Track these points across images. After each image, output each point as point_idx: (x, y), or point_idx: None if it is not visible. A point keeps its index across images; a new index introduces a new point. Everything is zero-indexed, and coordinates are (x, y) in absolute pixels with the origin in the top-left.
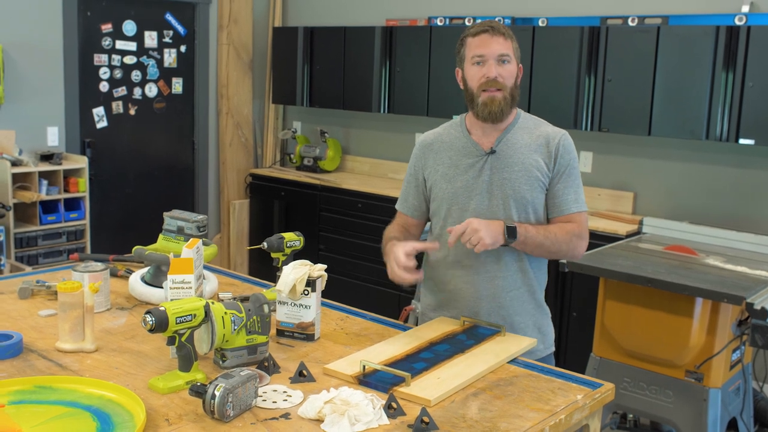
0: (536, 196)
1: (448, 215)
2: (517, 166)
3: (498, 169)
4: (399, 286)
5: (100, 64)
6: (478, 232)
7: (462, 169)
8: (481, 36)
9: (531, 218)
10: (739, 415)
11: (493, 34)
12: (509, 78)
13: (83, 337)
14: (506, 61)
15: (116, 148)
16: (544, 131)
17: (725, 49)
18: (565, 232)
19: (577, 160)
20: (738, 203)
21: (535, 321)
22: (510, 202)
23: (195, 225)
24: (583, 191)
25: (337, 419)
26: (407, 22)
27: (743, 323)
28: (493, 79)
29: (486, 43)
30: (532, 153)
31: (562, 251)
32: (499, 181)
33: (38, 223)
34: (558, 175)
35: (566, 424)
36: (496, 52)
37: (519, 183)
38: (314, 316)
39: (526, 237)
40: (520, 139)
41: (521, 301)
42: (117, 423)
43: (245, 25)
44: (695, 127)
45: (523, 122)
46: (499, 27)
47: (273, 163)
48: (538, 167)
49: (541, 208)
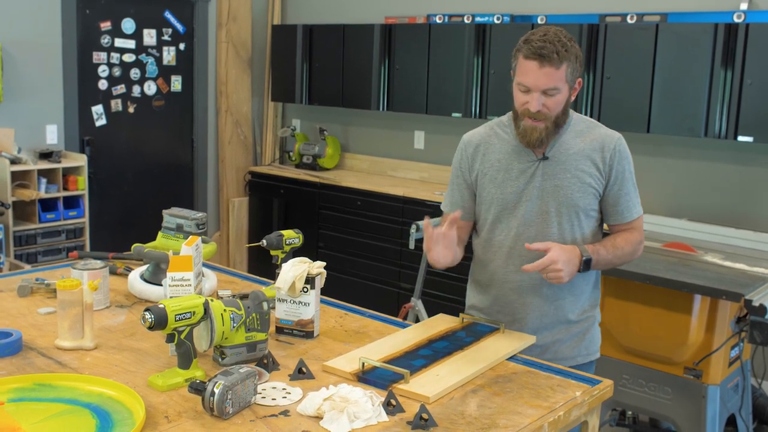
0: (589, 202)
1: (497, 220)
2: (569, 173)
3: (550, 175)
4: (398, 284)
5: (99, 62)
6: (559, 272)
7: (513, 174)
8: (530, 63)
9: (583, 224)
10: (737, 411)
11: (542, 65)
12: (555, 108)
13: (82, 334)
14: (553, 94)
15: (115, 146)
16: (598, 135)
17: (724, 47)
18: (630, 244)
19: (632, 163)
20: (737, 200)
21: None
22: (562, 209)
23: (194, 222)
24: (638, 194)
25: (336, 416)
26: (406, 20)
27: (742, 320)
28: (536, 112)
29: (533, 74)
30: (585, 159)
31: (625, 262)
32: (551, 188)
33: (37, 221)
34: (615, 181)
35: (565, 420)
36: (541, 86)
37: (571, 190)
38: (313, 313)
39: (597, 262)
40: (574, 144)
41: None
42: (116, 420)
43: (244, 23)
44: (694, 124)
45: (576, 125)
46: (552, 54)
47: (272, 161)
48: (591, 174)
49: (594, 212)
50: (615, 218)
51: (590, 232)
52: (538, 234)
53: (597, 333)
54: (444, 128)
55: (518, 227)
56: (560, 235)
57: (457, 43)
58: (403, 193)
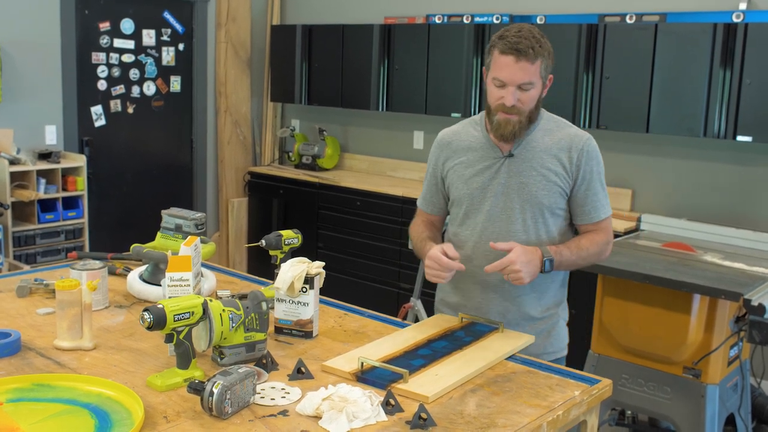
0: (554, 200)
1: (465, 216)
2: (535, 170)
3: (515, 172)
4: (397, 284)
5: (98, 62)
6: (517, 272)
7: (478, 170)
8: (506, 57)
9: (548, 222)
10: (736, 411)
11: (519, 59)
12: (529, 103)
13: (81, 335)
14: (528, 89)
15: (114, 147)
16: (567, 134)
17: (723, 47)
18: (595, 245)
19: (601, 164)
20: (736, 200)
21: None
22: (526, 206)
23: (193, 223)
24: (607, 194)
25: (335, 416)
26: (405, 20)
27: (741, 320)
28: (510, 106)
29: (509, 69)
30: (552, 157)
31: (591, 263)
32: (515, 185)
33: (36, 221)
34: (583, 181)
35: (564, 420)
36: (517, 80)
37: (536, 188)
38: (312, 313)
39: (560, 263)
40: (541, 142)
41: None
42: (115, 420)
43: (243, 23)
44: (693, 124)
45: (545, 124)
46: (527, 49)
47: (271, 161)
48: (557, 172)
49: (561, 211)
50: (582, 218)
51: (557, 230)
52: (502, 230)
53: (563, 331)
54: (443, 128)
55: (483, 223)
56: (525, 232)
57: (457, 43)
58: (403, 193)
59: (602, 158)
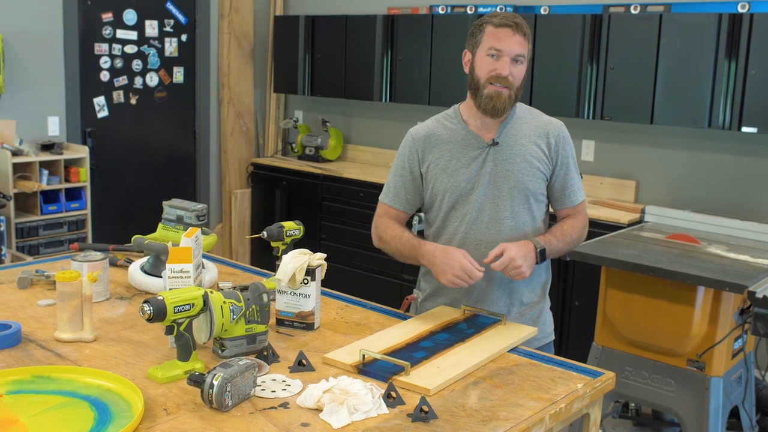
0: (538, 186)
1: (451, 208)
2: (519, 157)
3: (501, 160)
4: (400, 275)
5: (101, 53)
6: (519, 268)
7: (464, 161)
8: (504, 29)
9: (533, 208)
10: (740, 403)
11: (515, 32)
12: (518, 78)
13: (82, 326)
14: (520, 62)
15: (117, 138)
16: (542, 122)
17: (728, 37)
18: (576, 229)
19: (573, 149)
20: (740, 192)
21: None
22: (514, 192)
23: (194, 214)
24: (580, 179)
25: (336, 408)
26: (409, 11)
27: (745, 312)
28: (505, 77)
29: (506, 39)
30: (533, 144)
31: (574, 247)
32: (502, 173)
33: (39, 213)
34: (561, 166)
35: (566, 412)
36: (514, 51)
37: (521, 174)
38: (314, 305)
39: (550, 252)
40: (520, 130)
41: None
42: (115, 413)
43: (246, 14)
44: (698, 115)
45: (520, 113)
46: (523, 25)
47: (274, 153)
48: (539, 158)
49: (542, 197)
50: (562, 203)
51: (540, 216)
52: (491, 218)
53: (549, 315)
54: None
55: (472, 213)
56: (513, 218)
57: (460, 34)
58: None
59: (605, 149)
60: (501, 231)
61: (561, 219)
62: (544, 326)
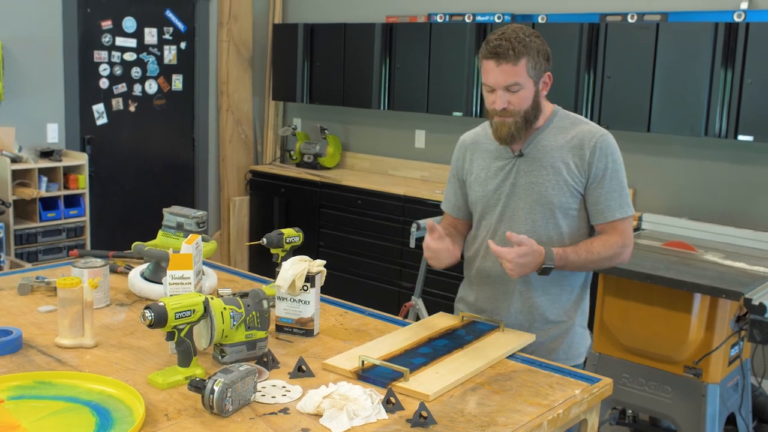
0: (566, 200)
1: (481, 218)
2: (545, 169)
3: (525, 172)
4: (399, 283)
5: (100, 60)
6: (508, 268)
7: (492, 172)
8: (488, 62)
9: (560, 222)
10: (737, 410)
11: (499, 62)
12: (520, 104)
13: (83, 332)
14: (516, 90)
15: (116, 145)
16: (580, 131)
17: (724, 46)
18: (608, 248)
19: (619, 161)
20: (737, 199)
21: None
22: (536, 206)
23: (194, 221)
24: (628, 193)
25: (335, 414)
26: (407, 19)
27: (742, 319)
28: (502, 110)
29: (491, 73)
30: (563, 156)
31: (605, 266)
32: (525, 185)
33: (38, 219)
34: (597, 179)
35: (564, 418)
36: (501, 83)
37: (546, 187)
38: (313, 311)
39: (564, 267)
40: (552, 140)
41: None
42: (116, 418)
43: (245, 22)
44: (694, 123)
45: (559, 122)
46: (507, 51)
47: (273, 160)
48: (569, 170)
49: (573, 211)
50: (595, 218)
51: (570, 231)
52: (512, 231)
53: (579, 337)
54: (445, 127)
55: (496, 224)
56: (534, 232)
57: (458, 42)
58: (404, 192)
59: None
60: None
61: (597, 234)
62: (570, 347)
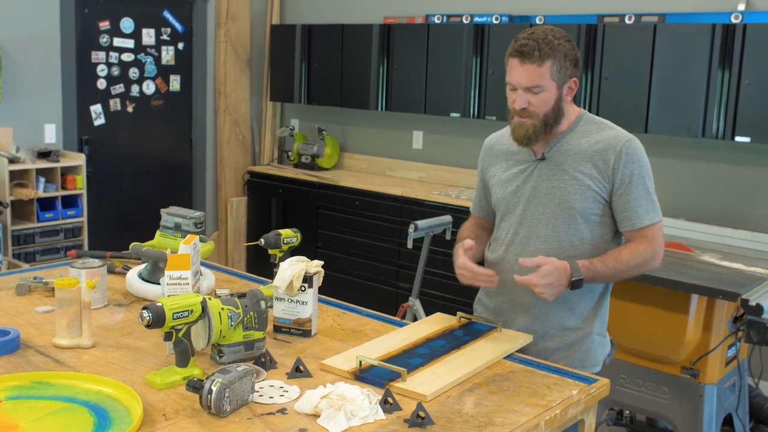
0: (588, 205)
1: (501, 220)
2: (567, 174)
3: (547, 176)
4: (396, 283)
5: (98, 61)
6: (542, 293)
7: (513, 174)
8: (513, 60)
9: (581, 228)
10: (734, 411)
11: (523, 62)
12: (541, 106)
13: (80, 333)
14: (538, 92)
15: (114, 146)
16: (605, 136)
17: (721, 47)
18: (637, 256)
19: (646, 167)
20: (734, 200)
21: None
22: (557, 211)
23: (192, 221)
24: (656, 199)
25: (333, 414)
26: (405, 20)
27: (739, 320)
28: (521, 109)
29: (515, 72)
30: (586, 161)
31: (635, 275)
32: (547, 189)
33: (35, 220)
34: (621, 185)
35: (561, 418)
36: (523, 83)
37: (567, 192)
38: (311, 312)
39: (593, 278)
40: (576, 145)
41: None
42: (114, 418)
43: (243, 23)
44: (691, 124)
45: (584, 126)
46: (532, 51)
47: (271, 161)
48: (592, 176)
49: (596, 217)
50: (623, 224)
51: (593, 237)
52: (531, 235)
53: (597, 345)
54: (442, 128)
55: (516, 227)
56: (555, 237)
57: (456, 43)
58: (402, 192)
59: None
60: (540, 249)
61: (626, 242)
62: (586, 355)
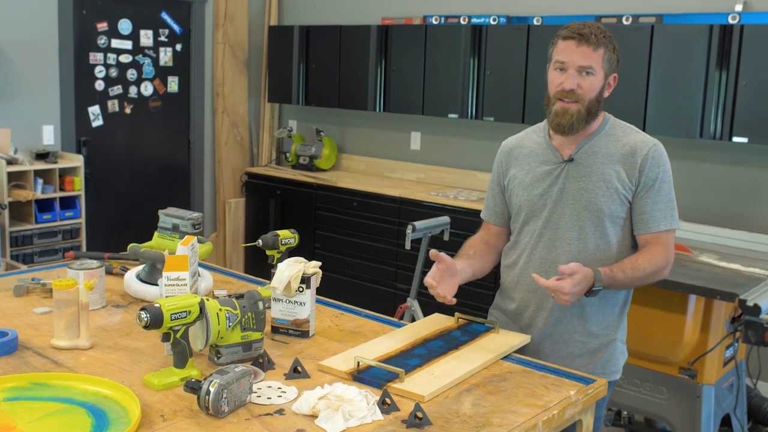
0: (615, 208)
1: (524, 223)
2: (595, 176)
3: (574, 178)
4: (394, 284)
5: (96, 62)
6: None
7: (539, 176)
8: (568, 42)
9: (608, 230)
10: (732, 411)
11: (580, 44)
12: (589, 91)
13: (78, 334)
14: (589, 73)
15: (112, 147)
16: (632, 140)
17: (719, 48)
18: (653, 263)
19: (669, 173)
20: (731, 201)
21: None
22: (585, 213)
23: (190, 222)
24: (675, 206)
25: (331, 415)
26: (403, 21)
27: (736, 320)
28: (569, 90)
29: (570, 51)
30: (614, 163)
31: (647, 283)
32: (574, 191)
33: (34, 221)
34: (646, 188)
35: (559, 419)
36: (578, 62)
37: (596, 194)
38: (309, 313)
39: (610, 286)
40: (604, 147)
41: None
42: (112, 419)
43: (241, 24)
44: (689, 125)
45: (611, 129)
46: (590, 35)
47: (269, 162)
48: (619, 178)
49: (621, 220)
50: (639, 227)
51: (616, 239)
52: (558, 238)
53: (620, 353)
54: (440, 129)
55: (541, 229)
56: (581, 240)
57: (454, 44)
58: (400, 193)
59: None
60: (567, 251)
61: (640, 247)
62: (609, 363)
